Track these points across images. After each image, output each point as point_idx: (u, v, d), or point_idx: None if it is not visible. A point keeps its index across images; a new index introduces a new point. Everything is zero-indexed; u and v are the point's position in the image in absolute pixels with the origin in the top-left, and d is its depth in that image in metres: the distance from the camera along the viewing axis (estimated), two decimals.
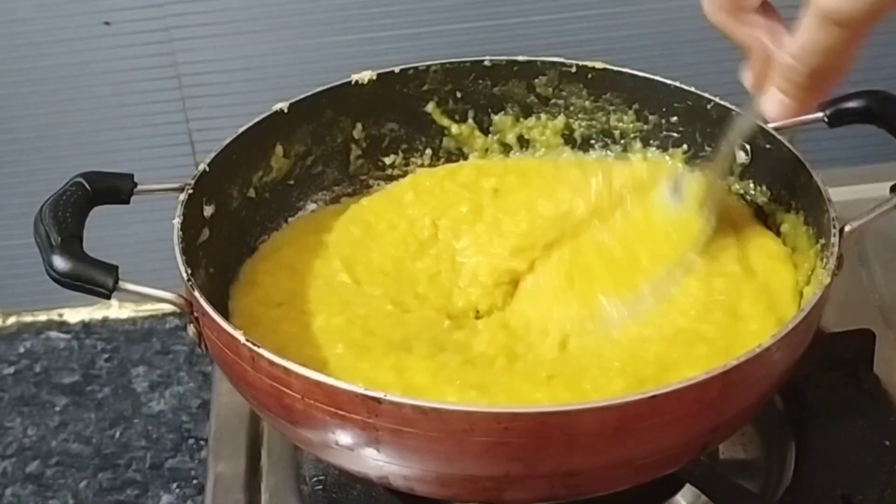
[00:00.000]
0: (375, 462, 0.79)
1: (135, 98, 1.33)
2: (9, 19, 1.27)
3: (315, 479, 0.95)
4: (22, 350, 1.40)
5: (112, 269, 0.83)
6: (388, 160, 1.09)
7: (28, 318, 1.44)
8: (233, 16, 1.29)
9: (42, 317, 1.43)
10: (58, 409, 1.32)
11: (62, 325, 1.42)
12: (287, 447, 0.99)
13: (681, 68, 1.06)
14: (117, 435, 1.28)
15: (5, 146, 1.35)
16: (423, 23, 1.30)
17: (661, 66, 1.04)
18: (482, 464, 0.77)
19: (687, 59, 1.32)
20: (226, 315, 0.93)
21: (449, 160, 1.10)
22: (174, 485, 1.23)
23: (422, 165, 1.10)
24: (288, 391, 0.78)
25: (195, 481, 1.23)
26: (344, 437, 0.78)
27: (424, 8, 1.29)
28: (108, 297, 0.83)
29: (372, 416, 0.75)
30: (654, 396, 0.74)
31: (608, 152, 1.08)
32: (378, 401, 0.74)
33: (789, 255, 0.96)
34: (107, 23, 1.28)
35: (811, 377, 0.97)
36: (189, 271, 0.85)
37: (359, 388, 0.75)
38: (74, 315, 1.43)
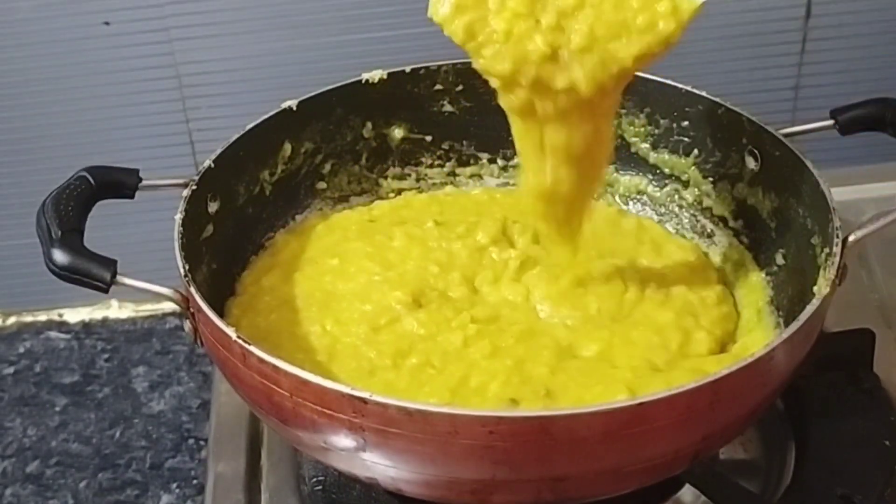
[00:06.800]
0: (363, 462, 0.79)
1: (135, 98, 1.33)
2: (9, 19, 1.27)
3: (315, 479, 0.95)
4: (22, 350, 1.39)
5: (110, 264, 0.83)
6: (397, 159, 1.09)
7: (28, 318, 1.44)
8: (232, 16, 1.29)
9: (42, 317, 1.43)
10: (58, 409, 1.32)
11: (62, 325, 1.42)
12: (287, 447, 0.99)
13: (694, 74, 1.06)
14: (117, 435, 1.28)
15: (4, 146, 1.35)
16: (416, 24, 1.30)
17: (669, 70, 1.04)
18: (467, 467, 0.77)
19: (699, 65, 1.32)
20: (228, 309, 0.94)
21: (459, 161, 1.11)
22: (174, 485, 1.23)
23: (431, 166, 1.10)
24: (277, 389, 0.78)
25: (195, 481, 1.22)
26: (331, 436, 0.79)
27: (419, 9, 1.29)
28: (106, 291, 0.84)
29: (358, 415, 0.75)
30: (641, 403, 0.74)
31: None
32: (364, 401, 0.75)
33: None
34: (106, 23, 1.28)
35: (811, 377, 0.97)
36: (187, 267, 0.85)
37: (345, 388, 0.75)
38: (74, 315, 1.43)
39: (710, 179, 1.05)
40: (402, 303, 0.94)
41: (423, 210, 1.08)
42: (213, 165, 0.95)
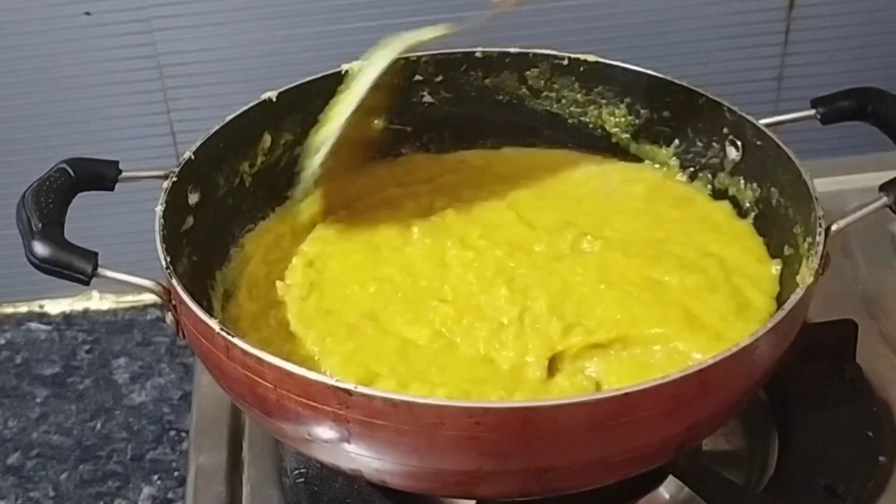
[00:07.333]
0: (347, 454, 0.79)
1: (116, 89, 1.32)
2: None
3: (296, 471, 0.95)
4: (2, 341, 1.39)
5: (91, 256, 0.83)
6: (377, 150, 1.09)
7: (9, 310, 1.43)
8: (213, 6, 1.28)
9: (23, 308, 1.43)
10: (38, 400, 1.31)
11: (43, 317, 1.42)
12: (268, 439, 0.98)
13: (677, 65, 1.06)
14: (98, 426, 1.28)
15: None
16: (396, 14, 1.30)
17: (653, 61, 1.04)
18: (453, 458, 0.77)
19: (682, 56, 1.32)
20: (209, 302, 0.94)
21: (439, 151, 1.11)
22: (155, 476, 1.22)
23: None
24: (261, 381, 0.78)
25: (176, 473, 1.22)
26: (316, 428, 0.78)
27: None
28: (87, 283, 0.84)
29: (343, 407, 0.75)
30: (627, 394, 0.74)
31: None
32: (349, 392, 0.74)
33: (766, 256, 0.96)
34: (87, 13, 1.27)
35: (794, 367, 0.97)
36: (168, 259, 0.85)
37: (330, 380, 0.75)
38: (55, 306, 1.42)
39: (692, 169, 1.05)
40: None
41: None
42: (193, 157, 0.94)
